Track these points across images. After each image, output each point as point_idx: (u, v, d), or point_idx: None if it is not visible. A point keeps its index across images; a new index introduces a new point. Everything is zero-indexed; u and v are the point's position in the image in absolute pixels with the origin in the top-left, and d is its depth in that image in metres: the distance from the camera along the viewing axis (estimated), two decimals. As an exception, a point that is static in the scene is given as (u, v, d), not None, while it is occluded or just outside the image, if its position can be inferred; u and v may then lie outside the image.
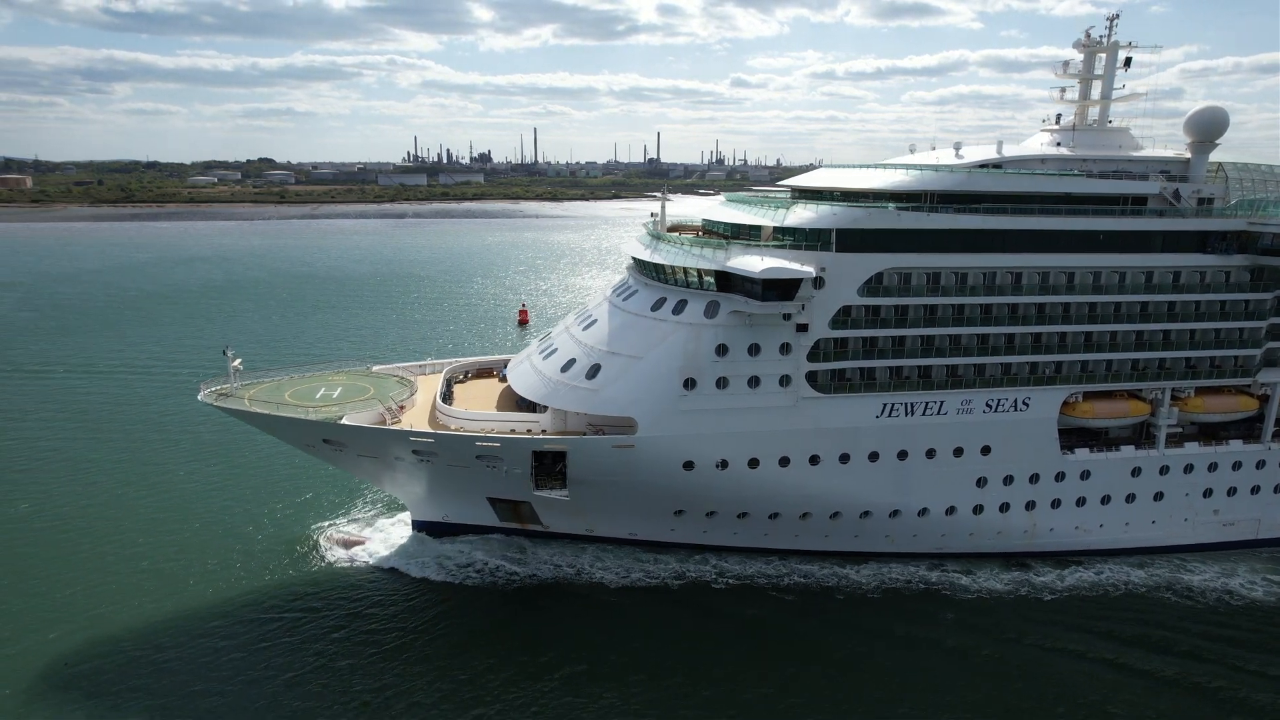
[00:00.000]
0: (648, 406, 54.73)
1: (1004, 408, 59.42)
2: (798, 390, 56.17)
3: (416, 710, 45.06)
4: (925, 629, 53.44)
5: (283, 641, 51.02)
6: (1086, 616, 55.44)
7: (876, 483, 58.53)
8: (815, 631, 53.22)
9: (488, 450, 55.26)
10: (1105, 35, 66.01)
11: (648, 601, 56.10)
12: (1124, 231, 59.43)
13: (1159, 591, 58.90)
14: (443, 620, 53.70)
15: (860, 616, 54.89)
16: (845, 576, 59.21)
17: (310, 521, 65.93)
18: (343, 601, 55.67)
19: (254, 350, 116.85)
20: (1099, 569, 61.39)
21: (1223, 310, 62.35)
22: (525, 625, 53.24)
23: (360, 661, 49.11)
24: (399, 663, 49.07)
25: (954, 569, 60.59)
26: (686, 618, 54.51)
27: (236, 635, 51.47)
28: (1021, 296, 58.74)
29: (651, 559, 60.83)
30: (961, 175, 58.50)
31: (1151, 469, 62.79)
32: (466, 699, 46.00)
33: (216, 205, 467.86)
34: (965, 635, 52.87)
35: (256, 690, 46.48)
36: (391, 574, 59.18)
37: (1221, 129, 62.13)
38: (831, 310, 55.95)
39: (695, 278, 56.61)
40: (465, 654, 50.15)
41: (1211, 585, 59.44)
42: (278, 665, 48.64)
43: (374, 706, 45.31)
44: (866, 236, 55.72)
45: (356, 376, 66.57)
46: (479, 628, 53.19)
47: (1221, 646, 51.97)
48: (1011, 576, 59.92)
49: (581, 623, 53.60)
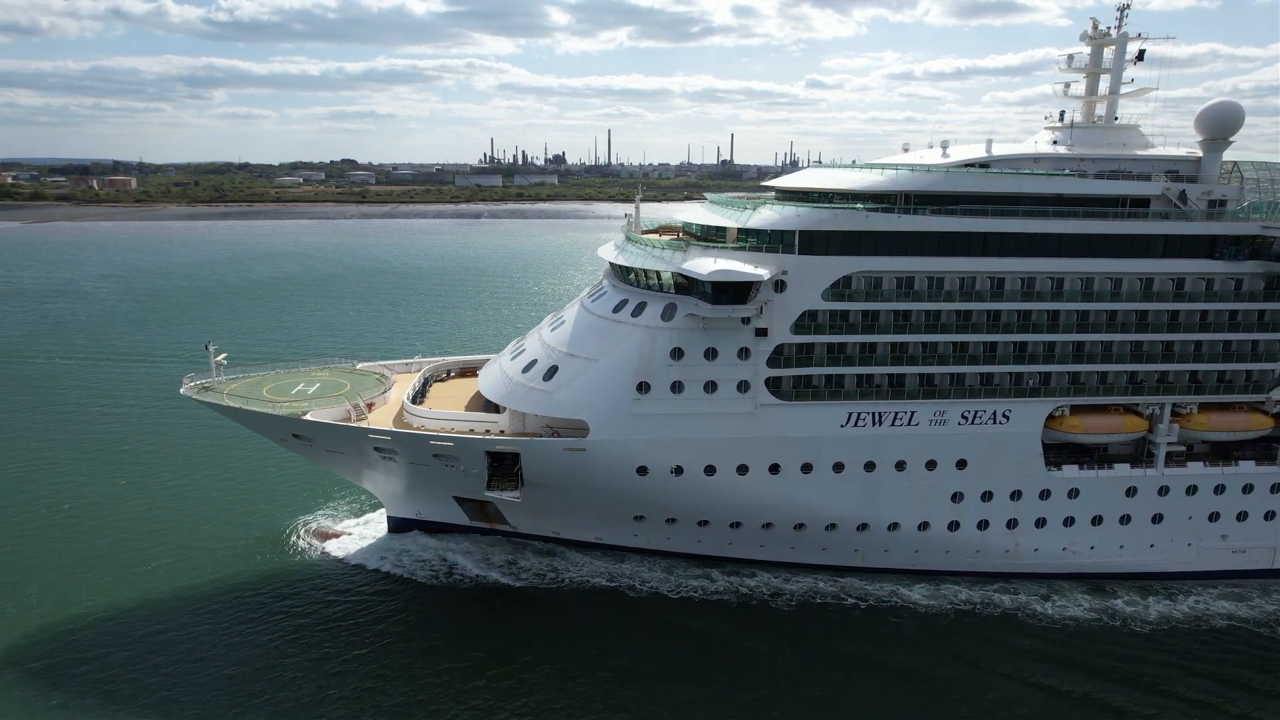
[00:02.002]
0: (600, 409, 53.99)
1: (982, 420, 56.47)
2: (756, 396, 54.54)
3: (368, 704, 45.53)
4: (873, 648, 51.37)
5: (248, 631, 52.02)
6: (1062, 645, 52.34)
7: (842, 495, 56.39)
8: (793, 658, 50.77)
9: (442, 449, 55.43)
10: (1114, 27, 62.15)
11: (613, 608, 55.17)
12: (1119, 235, 55.76)
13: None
14: (400, 618, 54.00)
15: (816, 632, 53.07)
16: (820, 590, 57.35)
17: (291, 514, 67.34)
18: (310, 593, 56.66)
19: (321, 339, 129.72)
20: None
21: (1234, 321, 57.91)
22: (481, 627, 53.16)
23: (320, 655, 49.66)
24: (355, 659, 49.50)
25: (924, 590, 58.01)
26: (639, 628, 53.39)
27: (204, 624, 52.58)
28: (1003, 303, 55.74)
29: (628, 564, 60.02)
30: (939, 175, 55.81)
31: (1149, 489, 58.75)
32: (420, 698, 46.18)
33: (301, 205, 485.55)
34: (912, 655, 50.56)
35: (217, 679, 47.40)
36: (359, 569, 60.01)
37: (1235, 126, 57.62)
38: (794, 314, 54.14)
39: (656, 280, 55.63)
40: (420, 653, 50.36)
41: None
42: (241, 655, 49.62)
43: (333, 700, 45.82)
44: (832, 238, 53.73)
45: (339, 373, 67.73)
46: (436, 627, 53.22)
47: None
48: (976, 596, 56.99)
49: (537, 627, 53.16)
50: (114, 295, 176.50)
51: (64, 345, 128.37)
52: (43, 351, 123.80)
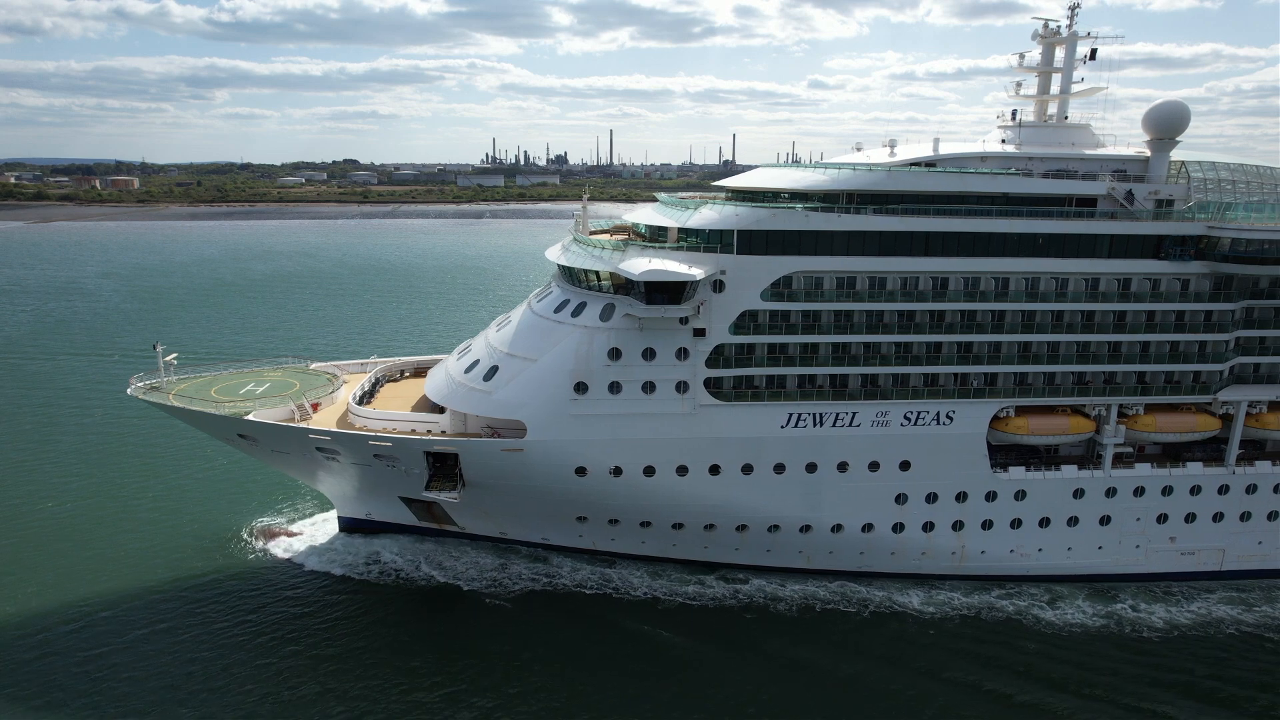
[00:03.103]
0: (537, 410, 53.84)
1: (925, 421, 56.11)
2: (695, 397, 54.30)
3: (299, 706, 45.52)
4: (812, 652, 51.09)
5: (194, 631, 51.97)
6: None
7: (783, 496, 56.10)
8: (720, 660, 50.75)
9: (381, 449, 55.34)
10: (1065, 26, 61.70)
11: (553, 611, 54.95)
12: (1065, 235, 55.33)
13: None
14: (345, 618, 53.90)
15: (768, 639, 52.69)
16: (769, 593, 57.12)
17: (243, 515, 67.37)
18: (256, 594, 56.63)
19: (319, 337, 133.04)
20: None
21: (1181, 321, 57.43)
22: (426, 628, 53.20)
23: (266, 656, 49.62)
24: (300, 660, 49.40)
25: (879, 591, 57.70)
26: (584, 631, 53.14)
27: (150, 625, 52.42)
28: (946, 303, 55.35)
29: (566, 564, 60.01)
30: (881, 174, 55.46)
31: (1096, 491, 58.31)
32: (354, 696, 46.25)
33: (303, 205, 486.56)
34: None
35: (162, 680, 47.30)
36: (308, 569, 59.98)
37: (1180, 125, 57.08)
38: (732, 315, 53.87)
39: (596, 280, 55.44)
40: (364, 653, 50.36)
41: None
42: (187, 655, 49.54)
43: (278, 701, 45.82)
44: (771, 238, 53.44)
45: (291, 373, 67.67)
46: (381, 627, 53.08)
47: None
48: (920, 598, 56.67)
49: (480, 628, 53.09)
50: (117, 294, 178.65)
51: (57, 342, 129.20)
52: (39, 349, 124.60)
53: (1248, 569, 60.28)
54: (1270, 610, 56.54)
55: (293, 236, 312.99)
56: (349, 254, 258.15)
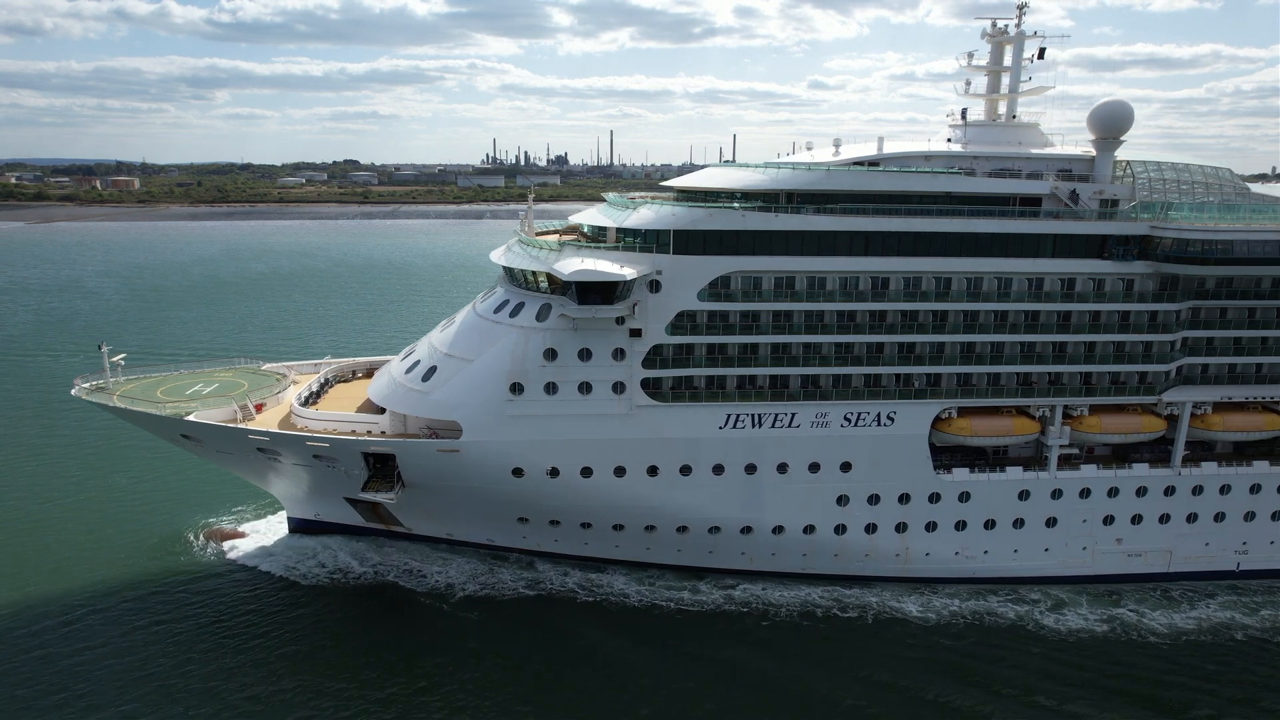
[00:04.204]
0: (473, 410, 53.67)
1: (865, 422, 55.77)
2: (632, 398, 54.06)
3: (246, 705, 45.46)
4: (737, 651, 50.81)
5: (139, 633, 51.70)
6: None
7: (722, 497, 55.81)
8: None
9: (318, 450, 55.23)
10: (1013, 24, 61.32)
11: (498, 614, 54.58)
12: (1007, 234, 54.93)
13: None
14: (288, 619, 53.71)
15: (687, 641, 52.44)
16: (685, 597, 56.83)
17: (193, 515, 67.23)
18: (199, 595, 56.46)
19: (314, 333, 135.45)
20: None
21: (1125, 322, 56.98)
22: (371, 629, 52.94)
23: (212, 659, 49.38)
24: (247, 661, 49.21)
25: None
26: (530, 635, 52.79)
27: (93, 628, 52.19)
28: (885, 303, 54.98)
29: (527, 567, 59.85)
30: (820, 173, 55.14)
31: (1042, 492, 57.91)
32: (296, 700, 46.05)
33: (304, 205, 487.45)
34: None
35: (105, 683, 46.91)
36: (251, 569, 59.84)
37: (1123, 125, 56.65)
38: (669, 315, 53.60)
39: (532, 280, 55.26)
40: (307, 654, 50.26)
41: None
42: (132, 659, 49.18)
43: (223, 704, 45.64)
44: (708, 238, 53.15)
45: (242, 373, 67.54)
46: (327, 628, 53.01)
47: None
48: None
49: (424, 629, 52.92)
50: (118, 293, 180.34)
51: (55, 340, 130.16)
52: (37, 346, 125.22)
53: (1195, 570, 59.81)
54: (1274, 614, 55.90)
55: (293, 237, 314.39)
56: (350, 253, 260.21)
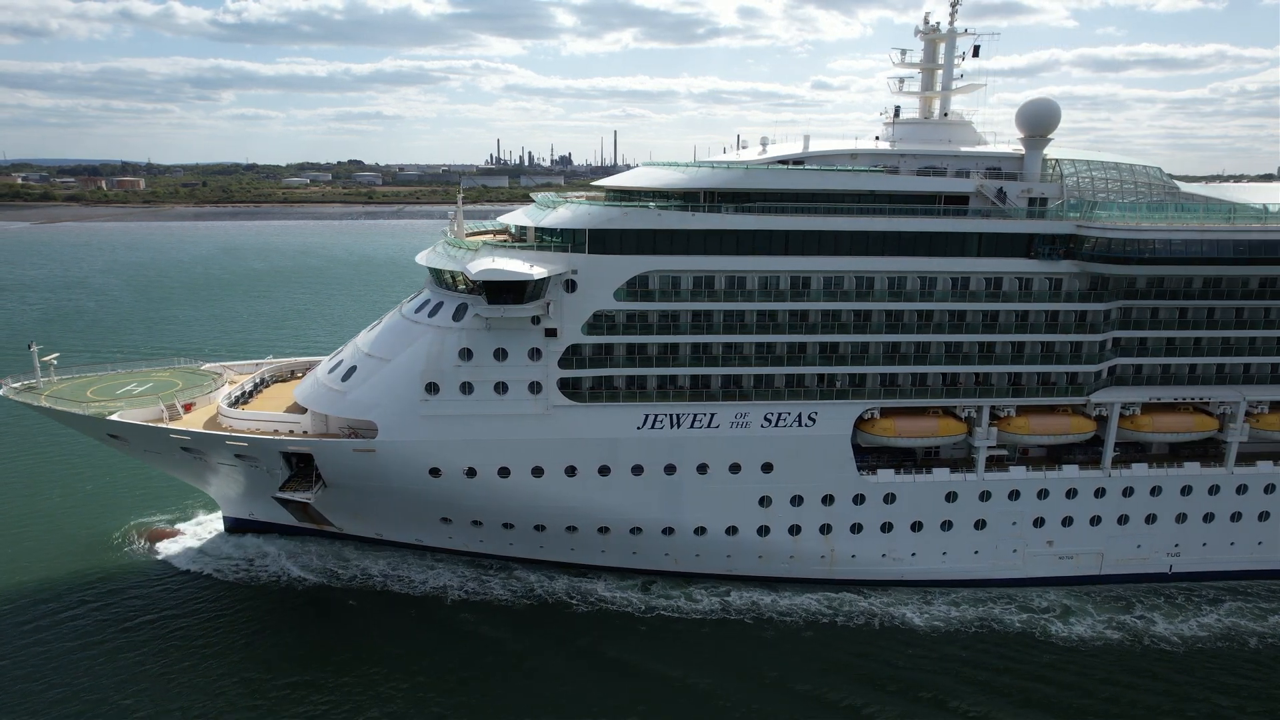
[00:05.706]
0: (388, 410, 53.52)
1: (786, 422, 55.27)
2: (549, 398, 53.76)
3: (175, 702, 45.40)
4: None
5: (68, 631, 51.51)
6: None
7: (642, 498, 55.45)
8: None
9: (238, 449, 55.20)
10: (945, 22, 60.75)
11: (431, 613, 54.46)
12: (931, 233, 54.33)
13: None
14: (218, 617, 53.65)
15: (611, 645, 52.15)
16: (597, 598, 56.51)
17: (127, 515, 67.04)
18: (135, 596, 55.97)
19: (315, 332, 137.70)
20: None
21: (1054, 322, 56.26)
22: (302, 629, 52.84)
23: (142, 662, 48.95)
24: (178, 665, 48.83)
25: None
26: (433, 631, 52.79)
27: (15, 623, 52.05)
28: (805, 303, 54.46)
29: (458, 568, 59.54)
30: (739, 172, 54.68)
31: (970, 494, 57.28)
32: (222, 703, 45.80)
33: (308, 205, 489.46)
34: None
35: (26, 689, 46.38)
36: (183, 569, 59.56)
37: (1051, 123, 55.96)
38: (585, 315, 53.27)
39: (451, 280, 55.07)
40: (238, 652, 50.17)
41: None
42: (59, 657, 49.04)
43: (147, 699, 45.58)
44: (625, 237, 52.79)
45: (179, 373, 67.60)
46: (257, 627, 52.82)
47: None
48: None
49: (358, 630, 52.76)
50: (123, 292, 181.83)
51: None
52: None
53: (1127, 573, 59.04)
54: None
55: (297, 237, 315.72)
56: (352, 253, 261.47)
